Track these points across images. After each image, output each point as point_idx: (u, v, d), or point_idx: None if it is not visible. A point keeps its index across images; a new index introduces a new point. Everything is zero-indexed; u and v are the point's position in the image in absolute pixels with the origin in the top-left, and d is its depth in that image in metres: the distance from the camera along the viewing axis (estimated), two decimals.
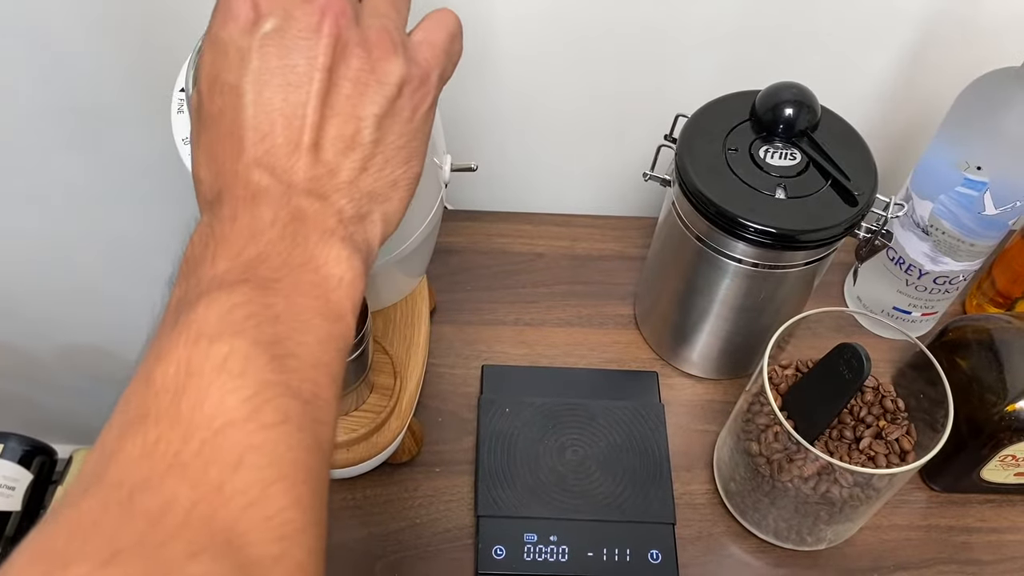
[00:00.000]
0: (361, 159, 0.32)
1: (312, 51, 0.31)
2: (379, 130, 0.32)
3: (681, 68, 0.69)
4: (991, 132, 0.57)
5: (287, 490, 0.26)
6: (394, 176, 0.33)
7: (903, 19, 0.66)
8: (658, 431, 0.64)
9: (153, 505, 0.24)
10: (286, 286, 0.29)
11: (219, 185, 0.31)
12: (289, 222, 0.30)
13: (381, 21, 0.33)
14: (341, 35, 0.31)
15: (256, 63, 0.31)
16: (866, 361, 0.52)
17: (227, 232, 0.30)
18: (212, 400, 0.26)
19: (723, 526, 0.62)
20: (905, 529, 0.63)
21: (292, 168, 0.31)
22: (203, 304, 0.28)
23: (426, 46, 0.34)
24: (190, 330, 0.27)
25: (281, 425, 0.26)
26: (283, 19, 0.31)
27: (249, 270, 0.29)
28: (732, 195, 0.55)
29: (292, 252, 0.30)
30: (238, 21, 0.31)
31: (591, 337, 0.71)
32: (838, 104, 0.59)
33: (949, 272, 0.65)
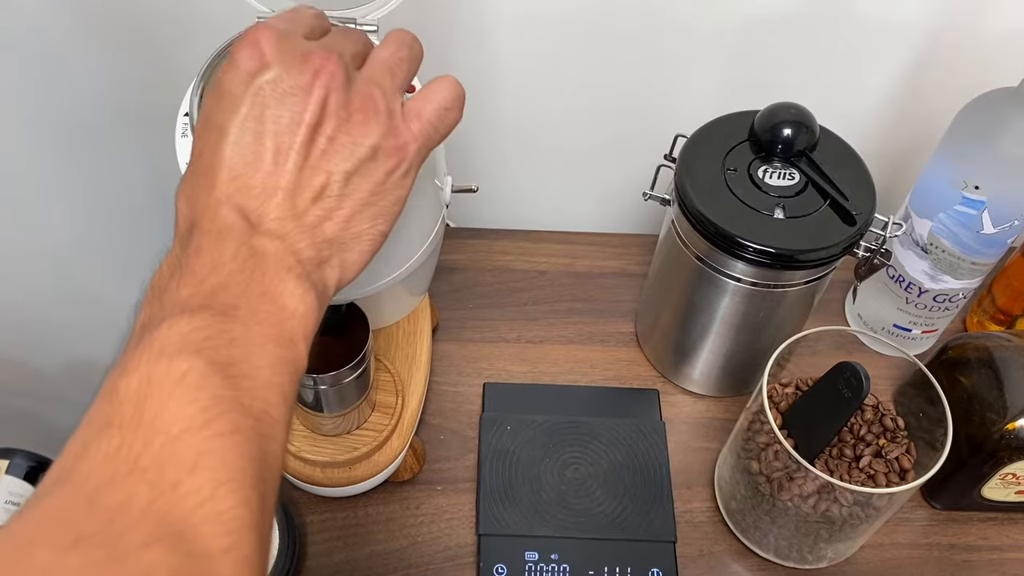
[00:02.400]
0: (326, 209, 0.34)
1: (299, 107, 0.34)
2: (347, 186, 0.35)
3: (681, 88, 0.70)
4: (989, 151, 0.58)
5: (235, 491, 0.28)
6: (358, 229, 0.36)
7: (901, 40, 0.66)
8: (659, 449, 0.65)
9: (114, 501, 0.27)
10: (243, 314, 0.31)
11: (192, 218, 0.34)
12: (249, 257, 0.33)
13: (371, 87, 0.35)
14: (329, 96, 0.34)
15: (245, 109, 0.34)
16: (865, 380, 0.53)
17: (192, 262, 0.32)
18: (171, 410, 0.28)
19: (724, 544, 0.62)
20: (906, 547, 0.63)
21: (260, 209, 0.34)
22: (166, 325, 0.30)
23: (413, 116, 0.37)
24: (152, 348, 0.29)
25: (232, 435, 0.29)
26: (280, 73, 0.34)
27: (210, 297, 0.31)
28: (731, 215, 0.56)
29: (250, 284, 0.32)
30: (240, 69, 0.34)
31: (592, 355, 0.71)
32: (836, 124, 0.59)
33: (949, 290, 0.65)
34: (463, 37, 0.66)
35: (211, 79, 0.44)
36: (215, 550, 0.27)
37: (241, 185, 0.33)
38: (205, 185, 0.34)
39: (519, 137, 0.75)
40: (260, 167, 0.34)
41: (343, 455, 0.57)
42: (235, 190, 0.33)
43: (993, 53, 0.65)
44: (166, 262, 0.34)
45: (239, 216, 0.33)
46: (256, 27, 0.35)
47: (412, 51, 0.38)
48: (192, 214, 0.34)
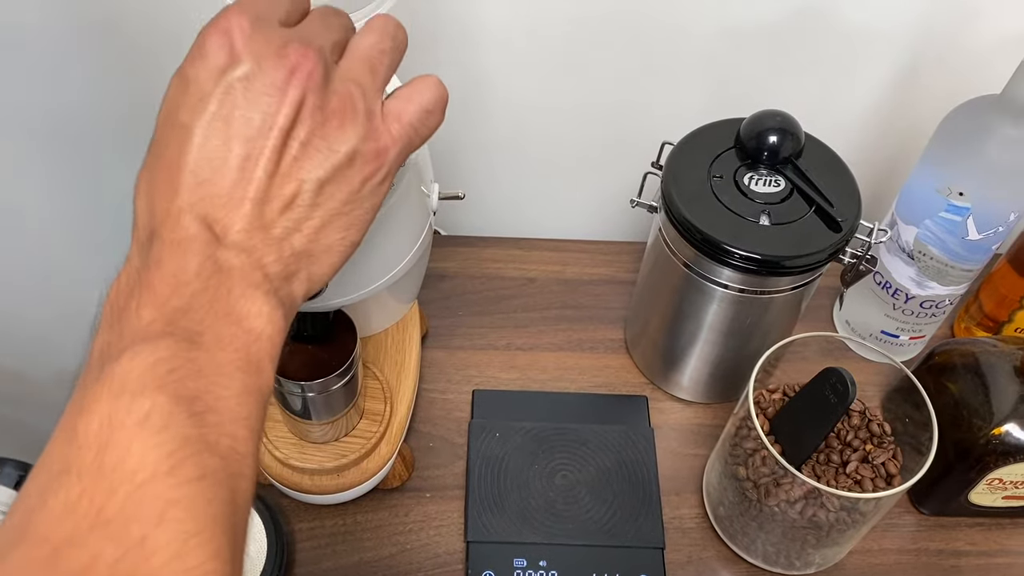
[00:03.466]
0: (295, 220, 0.32)
1: (271, 109, 0.31)
2: (319, 195, 0.32)
3: (667, 96, 0.70)
4: (973, 158, 0.58)
5: (206, 543, 0.26)
6: (329, 241, 0.33)
7: (885, 48, 0.67)
8: (648, 455, 0.65)
9: (77, 564, 0.25)
10: (208, 339, 0.29)
11: (151, 223, 0.32)
12: (213, 273, 0.30)
13: (350, 86, 0.33)
14: (304, 97, 0.31)
15: (213, 108, 0.31)
16: (851, 385, 0.53)
17: (153, 278, 0.30)
18: (135, 455, 0.26)
19: (712, 550, 0.62)
20: (894, 553, 0.63)
21: (225, 220, 0.31)
22: (127, 357, 0.28)
23: (393, 118, 0.34)
24: (113, 383, 0.27)
25: (200, 480, 0.27)
26: (253, 68, 0.31)
27: (173, 322, 0.29)
28: (717, 222, 0.56)
29: (215, 304, 0.30)
30: (208, 62, 0.31)
31: (581, 361, 0.72)
32: (822, 132, 0.60)
33: (935, 296, 0.65)
34: (453, 46, 0.67)
35: None
36: None
37: (206, 193, 0.31)
38: (166, 189, 0.31)
39: (508, 146, 0.75)
40: (227, 174, 0.31)
41: (331, 462, 0.57)
42: (199, 198, 0.31)
43: (976, 61, 0.65)
44: (124, 274, 0.31)
45: (202, 227, 0.31)
46: (228, 11, 0.31)
47: (396, 41, 0.35)
48: (152, 220, 0.31)
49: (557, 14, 0.65)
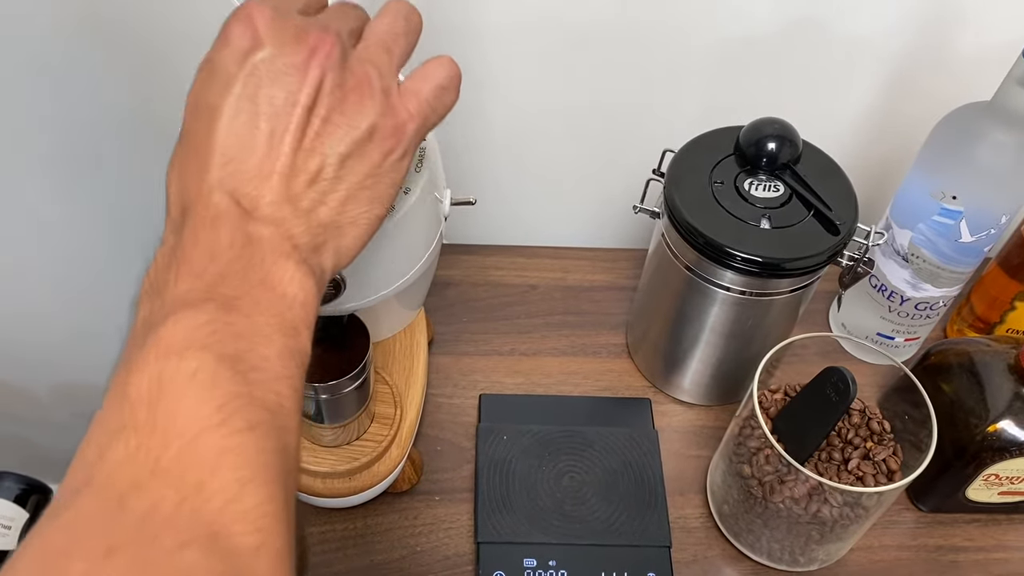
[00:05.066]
0: (320, 192, 0.33)
1: (293, 87, 0.33)
2: (342, 168, 0.34)
3: (667, 105, 0.72)
4: (965, 163, 0.60)
5: (260, 487, 0.28)
6: (354, 214, 0.35)
7: (881, 56, 0.69)
8: (652, 457, 0.66)
9: (142, 505, 0.26)
10: (246, 304, 0.31)
11: (183, 202, 0.33)
12: (245, 245, 0.32)
13: (367, 66, 0.34)
14: (324, 76, 0.33)
15: (238, 89, 0.32)
16: (852, 384, 0.54)
17: (189, 253, 0.31)
18: (186, 410, 0.28)
19: (717, 549, 0.63)
20: (894, 549, 0.64)
21: (254, 194, 0.32)
22: (171, 322, 0.29)
23: (411, 95, 0.36)
24: (159, 346, 0.29)
25: (250, 431, 0.28)
26: (274, 51, 0.33)
27: (211, 289, 0.30)
28: (719, 226, 0.57)
29: (249, 272, 0.31)
30: (233, 46, 0.33)
31: (585, 366, 0.73)
32: (819, 138, 0.62)
33: (929, 298, 0.67)
34: (453, 54, 0.68)
35: None
36: (247, 548, 0.27)
37: (234, 169, 0.32)
38: (197, 168, 0.33)
39: (511, 155, 0.77)
40: (254, 150, 0.32)
41: (343, 465, 0.58)
42: (228, 174, 0.32)
43: (967, 69, 0.67)
44: (160, 253, 0.33)
45: (233, 202, 0.32)
46: (250, 3, 0.33)
47: (410, 23, 0.37)
48: (184, 199, 0.33)
49: (559, 24, 0.66)
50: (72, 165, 0.78)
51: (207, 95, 0.33)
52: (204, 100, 0.33)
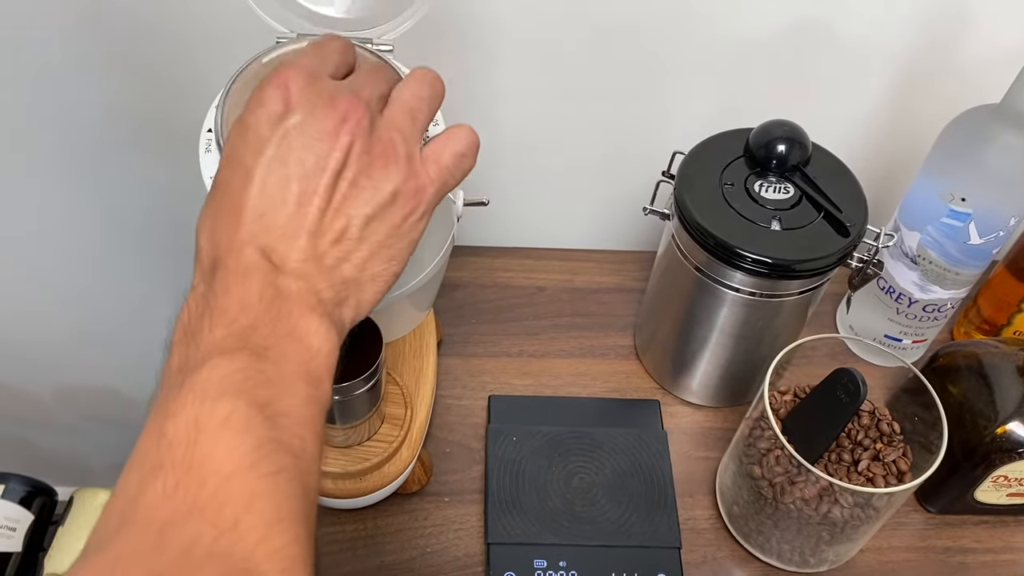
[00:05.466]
0: (345, 251, 0.36)
1: (324, 152, 0.35)
2: (366, 229, 0.36)
3: (677, 108, 0.72)
4: (974, 165, 0.60)
5: (287, 529, 0.30)
6: (374, 271, 0.37)
7: (890, 58, 0.69)
8: (662, 458, 0.66)
9: (181, 540, 0.28)
10: (275, 354, 0.33)
11: (216, 254, 0.35)
12: (275, 298, 0.34)
13: (393, 133, 0.36)
14: (353, 142, 0.35)
15: (271, 151, 0.35)
16: (863, 385, 0.54)
17: (221, 302, 0.33)
18: (220, 451, 0.30)
19: (727, 550, 0.63)
20: (903, 551, 0.64)
21: (283, 250, 0.35)
22: (207, 368, 0.31)
23: (432, 161, 0.38)
24: (195, 391, 0.31)
25: (277, 474, 0.30)
26: (306, 117, 0.35)
27: (243, 339, 0.33)
28: (730, 227, 0.58)
29: (278, 324, 0.34)
30: (266, 110, 0.35)
31: (593, 367, 0.73)
32: (828, 140, 0.62)
33: (937, 300, 0.67)
34: (463, 57, 0.68)
35: (229, 102, 0.45)
36: None
37: (266, 225, 0.35)
38: (229, 223, 0.35)
39: (519, 157, 0.77)
40: (284, 209, 0.35)
41: (354, 466, 0.58)
42: (260, 230, 0.34)
43: (976, 72, 0.68)
44: (192, 300, 0.35)
45: (263, 257, 0.34)
46: (284, 68, 0.36)
47: (434, 90, 0.39)
48: (215, 251, 0.35)
49: (567, 27, 0.66)
50: (72, 166, 0.78)
51: (241, 155, 0.35)
52: (239, 159, 0.35)
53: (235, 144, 0.36)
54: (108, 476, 1.19)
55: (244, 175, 0.35)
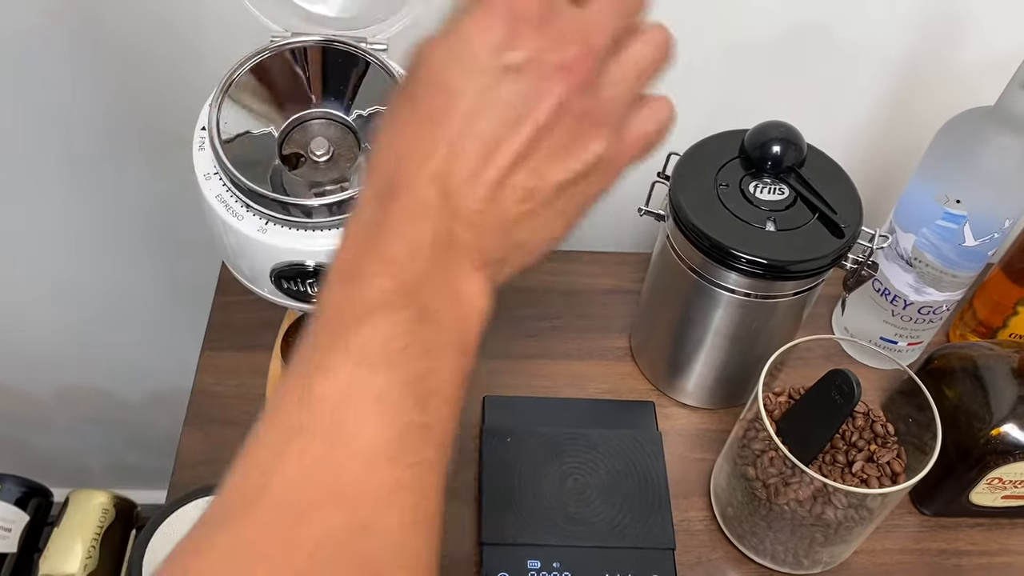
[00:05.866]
0: (526, 212, 0.32)
1: (534, 104, 0.31)
2: (555, 195, 0.32)
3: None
4: (968, 167, 0.60)
5: (421, 532, 0.28)
6: (542, 237, 0.33)
7: (885, 61, 0.69)
8: (656, 459, 0.66)
9: (319, 531, 0.26)
10: (437, 316, 0.30)
11: (395, 179, 0.31)
12: (447, 247, 0.30)
13: (615, 94, 0.32)
14: (567, 101, 0.31)
15: (483, 84, 0.30)
16: (857, 386, 0.54)
17: (392, 243, 0.30)
18: (368, 431, 0.28)
19: (721, 551, 0.63)
20: (898, 553, 0.64)
21: (464, 194, 0.31)
22: (368, 328, 0.29)
23: (639, 137, 0.34)
24: (351, 352, 0.29)
25: (419, 466, 0.29)
26: (528, 60, 0.30)
27: (410, 295, 0.30)
28: (724, 228, 0.58)
29: (444, 279, 0.31)
30: (490, 36, 0.30)
31: (589, 369, 0.73)
32: (823, 141, 0.62)
33: (933, 302, 0.67)
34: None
35: (224, 102, 0.45)
36: None
37: (453, 166, 0.30)
38: (418, 151, 0.31)
39: None
40: (478, 150, 0.30)
41: None
42: (448, 166, 0.30)
43: (971, 75, 0.68)
44: (356, 224, 0.32)
45: (443, 198, 0.30)
46: None
47: (668, 59, 0.35)
48: (395, 175, 0.31)
49: None
50: (72, 167, 0.78)
51: (450, 76, 0.31)
52: (445, 80, 0.31)
53: (447, 61, 0.31)
54: (104, 477, 1.19)
55: (447, 100, 0.31)
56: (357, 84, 0.48)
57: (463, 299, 0.31)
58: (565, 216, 0.33)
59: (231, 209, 0.45)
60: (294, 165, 0.47)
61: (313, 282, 0.47)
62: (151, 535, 0.60)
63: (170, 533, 0.60)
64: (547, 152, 0.31)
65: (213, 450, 0.66)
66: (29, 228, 0.84)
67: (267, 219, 0.45)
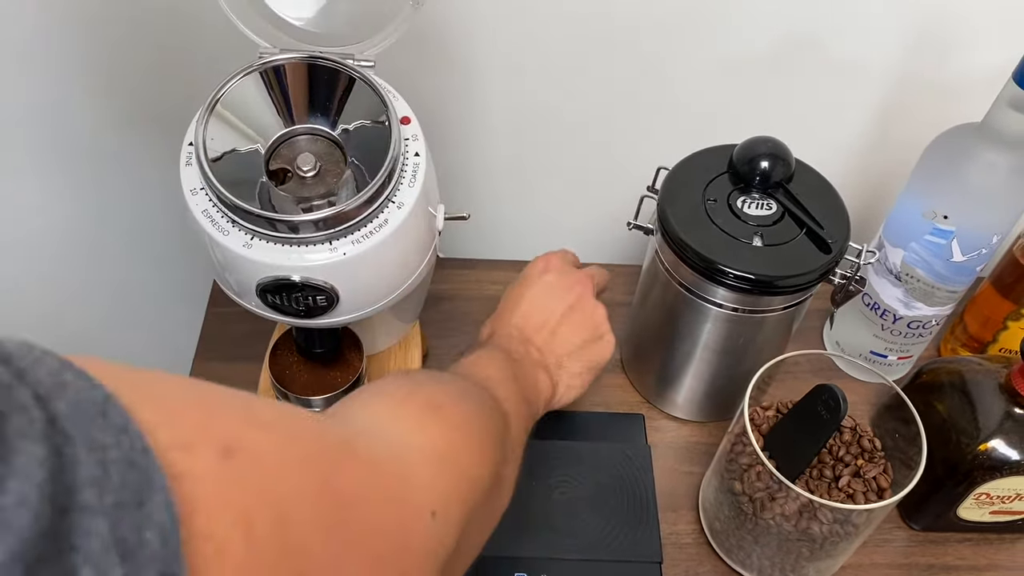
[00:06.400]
0: (559, 356, 0.58)
1: (563, 298, 0.60)
2: (568, 356, 0.59)
3: (662, 123, 0.73)
4: (956, 183, 0.60)
5: (519, 406, 0.51)
6: (577, 368, 0.59)
7: (874, 77, 0.69)
8: (645, 472, 0.66)
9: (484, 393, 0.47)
10: (524, 389, 0.52)
11: (491, 332, 0.59)
12: (525, 358, 0.56)
13: (601, 311, 0.61)
14: (580, 299, 0.60)
15: (536, 286, 0.60)
16: (843, 401, 0.54)
17: (495, 358, 0.53)
18: (493, 372, 0.51)
19: (709, 565, 0.63)
20: (886, 568, 0.64)
21: (531, 337, 0.58)
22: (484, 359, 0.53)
23: (603, 320, 0.61)
24: (480, 361, 0.52)
25: (520, 401, 0.52)
26: (557, 276, 0.60)
27: (508, 372, 0.52)
28: (712, 243, 0.58)
29: (523, 370, 0.54)
30: (535, 268, 0.61)
31: None
32: (812, 157, 0.62)
33: (922, 317, 0.67)
34: (457, 72, 0.69)
35: (211, 119, 0.46)
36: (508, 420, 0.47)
37: (525, 323, 0.58)
38: (504, 321, 0.59)
39: (510, 173, 0.77)
40: (537, 317, 0.59)
41: None
42: (522, 324, 0.58)
43: (959, 92, 0.68)
44: (474, 355, 0.53)
45: (520, 338, 0.57)
46: (550, 254, 0.63)
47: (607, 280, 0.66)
48: (491, 331, 0.59)
49: (556, 45, 0.67)
50: (72, 169, 0.78)
51: (518, 289, 0.61)
52: (516, 291, 0.61)
53: (517, 284, 0.61)
54: None
55: (517, 298, 0.60)
56: (343, 100, 0.49)
57: (533, 382, 0.55)
58: (584, 360, 0.59)
59: (217, 224, 0.46)
60: (281, 180, 0.47)
61: (299, 296, 0.47)
62: None
63: None
64: (569, 323, 0.59)
65: None
66: (29, 230, 0.85)
67: (252, 234, 0.46)
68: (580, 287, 0.60)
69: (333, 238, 0.46)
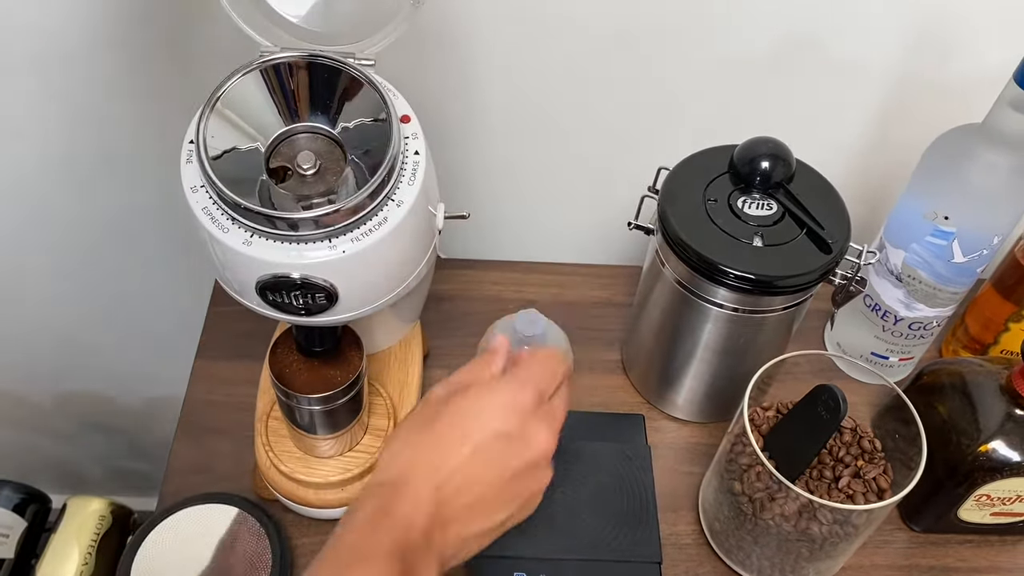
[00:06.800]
0: (475, 533, 0.45)
1: (509, 464, 0.45)
2: (498, 525, 0.46)
3: (663, 124, 0.73)
4: (957, 184, 0.60)
5: None
6: (475, 545, 0.46)
7: (875, 78, 0.69)
8: (645, 473, 0.66)
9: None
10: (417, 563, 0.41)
11: (399, 476, 0.43)
12: (417, 556, 0.41)
13: (548, 475, 0.48)
14: (531, 468, 0.46)
15: (486, 442, 0.44)
16: (843, 402, 0.54)
17: (395, 522, 0.41)
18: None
19: (709, 566, 0.63)
20: (886, 569, 0.64)
21: (447, 521, 0.43)
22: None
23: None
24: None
25: None
26: (520, 427, 0.45)
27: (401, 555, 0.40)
28: (712, 243, 0.58)
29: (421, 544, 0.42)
30: (500, 410, 0.45)
31: (579, 381, 0.73)
32: (812, 157, 0.62)
33: (923, 318, 0.67)
34: (456, 77, 0.69)
35: (211, 117, 0.46)
36: None
37: (452, 498, 0.43)
38: (422, 472, 0.43)
39: (510, 173, 0.77)
40: (469, 495, 0.44)
41: (336, 476, 0.59)
42: (446, 498, 0.43)
43: (960, 93, 0.68)
44: (364, 510, 0.42)
45: (428, 525, 0.42)
46: (524, 373, 0.47)
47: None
48: (399, 474, 0.43)
49: (557, 44, 0.67)
50: (72, 170, 0.78)
51: (458, 428, 0.45)
52: (454, 430, 0.45)
53: (462, 414, 0.45)
54: (102, 484, 1.20)
55: (454, 443, 0.44)
56: (344, 98, 0.49)
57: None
58: (495, 533, 0.46)
59: (217, 222, 0.46)
60: (281, 178, 0.47)
61: (298, 294, 0.47)
62: (140, 543, 0.60)
63: (160, 541, 0.60)
64: (505, 498, 0.45)
65: (204, 459, 0.67)
66: (29, 231, 0.85)
67: (252, 232, 0.46)
68: (539, 448, 0.45)
69: (332, 236, 0.46)
